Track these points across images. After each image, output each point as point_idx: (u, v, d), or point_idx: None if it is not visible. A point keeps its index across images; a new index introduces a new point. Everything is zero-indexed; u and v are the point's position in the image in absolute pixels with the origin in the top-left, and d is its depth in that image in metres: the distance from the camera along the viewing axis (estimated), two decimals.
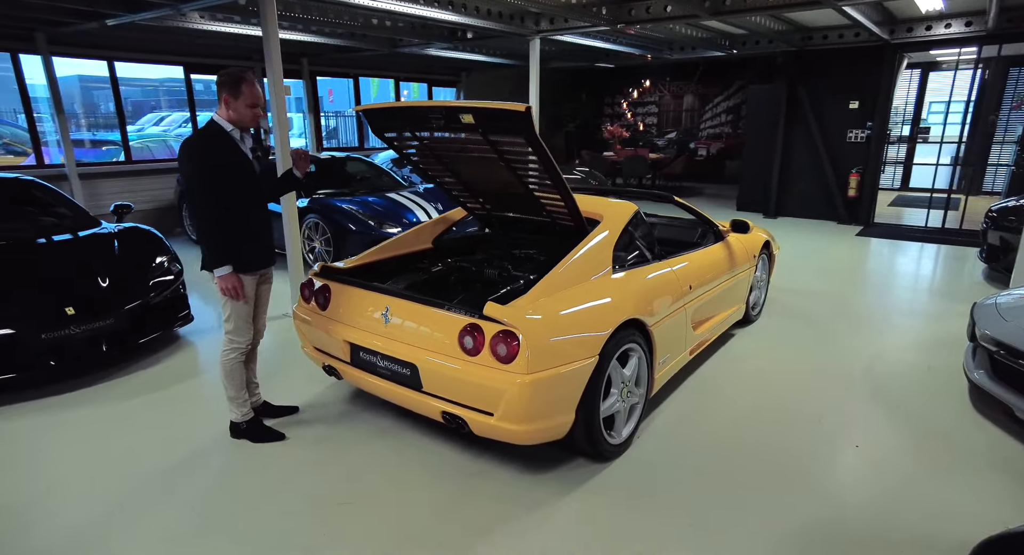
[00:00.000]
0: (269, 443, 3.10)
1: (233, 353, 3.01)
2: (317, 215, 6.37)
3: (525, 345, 2.46)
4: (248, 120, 2.87)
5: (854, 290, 5.94)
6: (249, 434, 3.11)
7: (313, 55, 9.56)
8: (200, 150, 2.77)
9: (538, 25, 7.05)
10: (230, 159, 2.84)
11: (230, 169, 2.83)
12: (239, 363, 3.03)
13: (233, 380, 3.04)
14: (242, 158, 2.89)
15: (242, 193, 2.88)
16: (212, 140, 2.82)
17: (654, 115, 15.42)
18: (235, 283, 2.85)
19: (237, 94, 2.79)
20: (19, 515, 2.56)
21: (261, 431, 3.13)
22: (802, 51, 9.32)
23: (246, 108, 2.83)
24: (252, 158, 2.94)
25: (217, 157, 2.79)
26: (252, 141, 2.98)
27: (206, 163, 2.76)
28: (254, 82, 2.85)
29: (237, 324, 2.98)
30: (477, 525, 2.51)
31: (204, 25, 6.59)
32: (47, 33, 7.11)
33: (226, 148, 2.84)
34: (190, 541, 2.41)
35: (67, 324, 3.59)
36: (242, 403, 3.09)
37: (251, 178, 2.92)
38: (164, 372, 4.03)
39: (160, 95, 17.20)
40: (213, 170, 2.76)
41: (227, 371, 3.02)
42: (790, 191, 10.06)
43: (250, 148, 2.94)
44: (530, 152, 2.82)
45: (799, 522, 2.53)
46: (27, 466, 2.93)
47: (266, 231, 3.05)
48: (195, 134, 2.85)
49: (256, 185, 2.96)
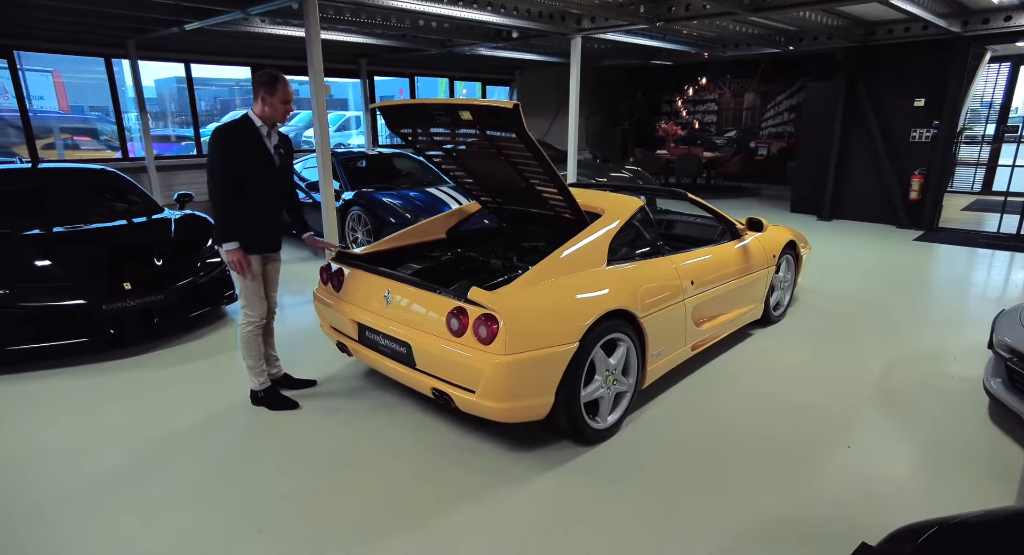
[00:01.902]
0: (285, 411, 3.40)
1: (249, 326, 3.31)
2: (360, 207, 6.75)
3: (504, 328, 2.63)
4: (280, 115, 3.16)
5: (894, 296, 5.71)
6: (266, 401, 3.43)
7: (370, 56, 10.03)
8: (228, 138, 3.08)
9: (579, 24, 7.14)
10: (255, 153, 3.13)
11: (253, 162, 3.13)
12: (256, 336, 3.34)
13: (251, 351, 3.35)
14: (266, 154, 3.18)
15: (260, 185, 3.18)
16: (243, 132, 3.12)
17: (713, 113, 15.07)
18: (240, 258, 3.14)
19: (273, 91, 3.08)
20: (59, 456, 2.98)
21: (278, 399, 3.44)
22: (864, 46, 8.93)
23: (280, 104, 3.11)
24: (274, 154, 3.22)
25: (243, 148, 3.10)
26: (278, 138, 3.27)
27: (232, 151, 3.06)
28: (286, 81, 3.14)
29: (249, 299, 3.28)
30: (456, 493, 2.70)
31: (266, 29, 7.12)
32: (136, 39, 7.87)
33: (253, 142, 3.13)
34: (199, 488, 2.73)
35: (124, 297, 4.07)
36: (260, 372, 3.40)
37: (271, 172, 3.21)
38: (207, 344, 4.46)
39: (244, 93, 18.48)
40: (237, 159, 3.06)
41: (245, 342, 3.33)
42: (846, 193, 9.65)
43: (274, 145, 3.23)
44: (523, 148, 2.98)
45: (768, 515, 2.57)
46: (73, 418, 3.37)
47: (276, 221, 3.34)
48: (229, 123, 3.14)
49: (275, 180, 3.25)
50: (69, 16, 6.35)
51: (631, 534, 2.44)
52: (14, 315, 3.87)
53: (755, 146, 14.32)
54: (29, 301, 3.93)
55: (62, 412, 3.43)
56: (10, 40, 7.38)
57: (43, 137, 11.58)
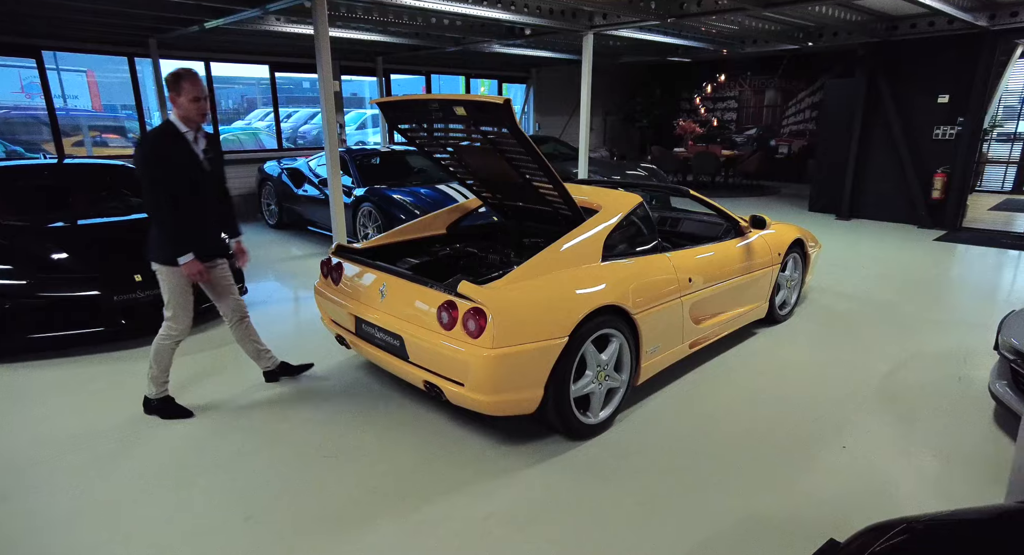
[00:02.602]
0: (276, 402, 3.46)
1: (168, 339, 3.21)
2: (371, 204, 6.83)
3: (492, 322, 2.65)
4: (195, 114, 3.01)
5: (907, 297, 5.59)
6: (159, 410, 3.31)
7: (387, 54, 10.12)
8: (153, 148, 2.97)
9: (591, 21, 7.12)
10: (181, 158, 3.02)
11: (180, 168, 3.02)
12: (170, 349, 3.25)
13: (160, 361, 3.25)
14: (194, 159, 3.07)
15: (193, 192, 3.08)
16: (167, 139, 3.00)
17: (733, 111, 14.88)
18: (200, 268, 3.11)
19: (179, 91, 2.94)
20: (65, 438, 3.09)
21: (171, 409, 3.33)
22: (885, 42, 8.73)
23: (189, 103, 2.97)
24: (203, 159, 3.12)
25: (169, 156, 2.98)
26: (206, 142, 3.16)
27: (159, 160, 2.94)
28: (194, 77, 2.99)
29: (176, 312, 3.18)
30: (442, 484, 2.74)
31: (281, 27, 7.24)
32: (158, 38, 8.07)
33: (178, 148, 3.01)
34: (190, 474, 2.81)
35: (135, 289, 4.19)
36: (161, 383, 3.31)
37: (200, 177, 3.10)
38: (214, 336, 4.56)
39: (267, 92, 18.78)
40: (165, 167, 2.95)
41: (156, 351, 3.23)
42: (866, 192, 9.46)
43: (202, 150, 3.13)
44: (515, 143, 2.99)
45: (753, 513, 2.55)
46: (81, 402, 3.49)
47: (212, 225, 3.26)
48: (151, 132, 3.04)
49: (204, 184, 3.13)
50: (94, 16, 6.54)
51: (612, 526, 2.44)
52: (34, 304, 4.02)
53: (775, 144, 14.10)
54: (48, 291, 4.08)
55: (75, 395, 3.55)
56: (38, 40, 7.62)
57: (74, 134, 11.95)
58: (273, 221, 8.74)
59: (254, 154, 9.59)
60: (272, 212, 8.73)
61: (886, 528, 1.66)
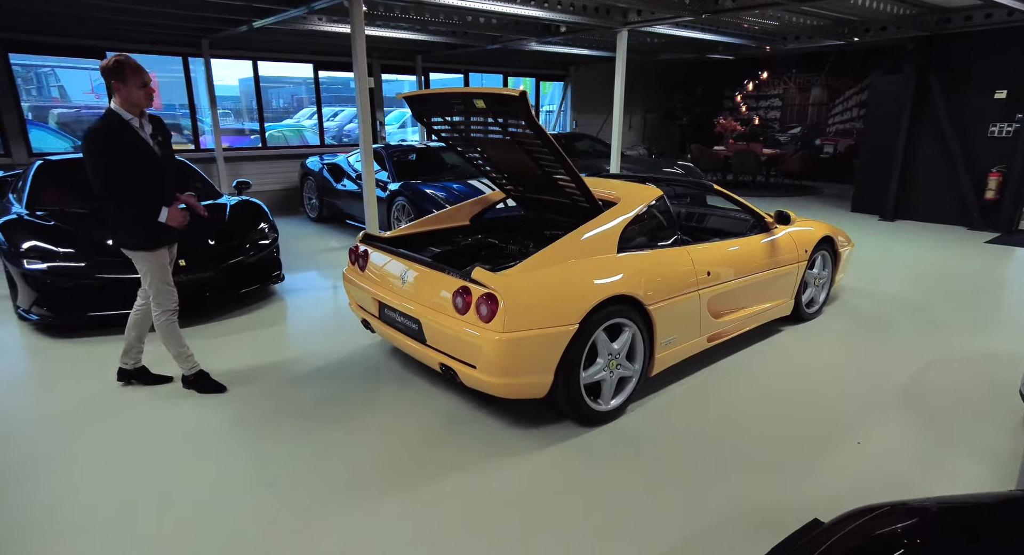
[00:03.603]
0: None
1: (163, 315, 3.30)
2: (405, 198, 7.02)
3: (503, 307, 2.74)
4: (142, 100, 3.00)
5: (946, 299, 5.40)
6: (195, 385, 3.48)
7: (425, 52, 10.33)
8: (101, 138, 2.94)
9: (625, 18, 7.12)
10: (133, 148, 3.01)
11: (131, 154, 3.01)
12: (172, 323, 3.34)
13: (170, 339, 3.35)
14: (144, 146, 3.06)
15: (148, 178, 3.09)
16: (114, 129, 2.98)
17: (777, 109, 14.53)
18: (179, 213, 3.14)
19: (124, 78, 2.92)
20: (113, 407, 3.35)
21: (207, 383, 3.49)
22: (936, 36, 8.40)
23: (137, 89, 2.95)
24: (153, 144, 3.11)
25: (119, 146, 2.97)
26: (152, 127, 3.14)
27: (109, 150, 2.93)
28: (136, 65, 2.97)
29: (158, 290, 3.26)
30: (452, 460, 2.85)
31: (324, 26, 7.51)
32: (209, 39, 8.49)
33: (128, 137, 3.00)
34: (222, 442, 3.01)
35: (179, 273, 4.44)
36: (186, 358, 3.44)
37: (153, 163, 3.09)
38: (253, 320, 4.81)
39: (314, 91, 19.45)
40: (114, 156, 2.95)
41: (163, 332, 3.32)
42: (913, 192, 9.12)
43: (150, 134, 3.11)
44: (533, 135, 3.07)
45: (756, 503, 2.56)
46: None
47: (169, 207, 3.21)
48: (96, 124, 2.98)
49: (158, 169, 3.12)
50: (151, 18, 6.95)
51: (614, 509, 2.50)
52: (93, 285, 4.35)
53: (821, 143, 13.71)
54: (104, 273, 4.40)
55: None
56: (103, 42, 8.13)
57: None
58: (314, 214, 9.06)
59: (297, 150, 9.96)
60: (313, 206, 9.05)
61: (872, 510, 1.68)
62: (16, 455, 2.89)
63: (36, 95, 14.55)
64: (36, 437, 3.06)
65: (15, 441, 3.02)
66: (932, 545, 1.43)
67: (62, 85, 15.11)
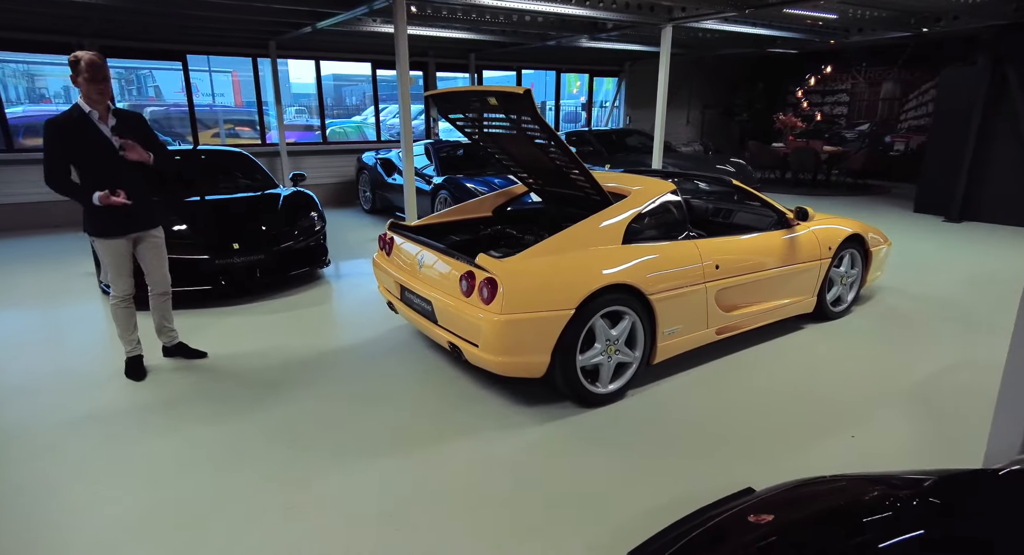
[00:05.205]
0: (327, 359, 3.97)
1: (113, 300, 3.48)
2: (447, 191, 7.34)
3: (502, 290, 2.96)
4: (94, 93, 3.14)
5: (990, 303, 5.14)
6: (129, 370, 3.64)
7: (478, 50, 10.63)
8: (57, 130, 3.12)
9: (669, 14, 7.13)
10: (87, 139, 3.17)
11: (87, 149, 3.19)
12: (122, 309, 3.50)
13: (117, 322, 3.54)
14: (99, 137, 3.20)
15: (103, 169, 3.23)
16: (71, 121, 3.16)
17: (844, 104, 13.91)
18: (109, 196, 3.18)
19: (77, 73, 3.08)
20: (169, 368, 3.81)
21: (137, 370, 3.64)
22: (1014, 24, 7.88)
23: (87, 83, 3.09)
24: (111, 136, 3.23)
25: (73, 137, 3.15)
26: (116, 120, 3.27)
27: (64, 141, 3.13)
28: (91, 61, 3.10)
29: (112, 277, 3.44)
30: (453, 430, 3.10)
31: (381, 28, 7.93)
32: (276, 40, 9.11)
33: (84, 128, 3.17)
34: (254, 405, 3.38)
35: (233, 255, 4.94)
36: (127, 342, 3.60)
37: (108, 155, 3.22)
38: (300, 300, 5.24)
39: (385, 90, 20.32)
40: (70, 149, 3.15)
41: (112, 315, 3.54)
42: (984, 192, 8.60)
43: (111, 127, 3.25)
44: (538, 130, 3.26)
45: (726, 483, 2.66)
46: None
47: (139, 200, 3.34)
48: (58, 114, 3.18)
49: (113, 161, 3.24)
50: (224, 24, 7.58)
51: (595, 483, 2.67)
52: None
53: (891, 141, 13.04)
54: (173, 254, 4.91)
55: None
56: (182, 46, 8.90)
57: (213, 127, 13.73)
58: (367, 206, 9.56)
59: (354, 146, 10.51)
60: (367, 198, 9.54)
61: (808, 481, 1.78)
62: (93, 407, 3.39)
63: (136, 95, 16.01)
64: (101, 392, 3.55)
65: (92, 393, 3.52)
66: (861, 515, 1.43)
67: (158, 85, 16.53)
